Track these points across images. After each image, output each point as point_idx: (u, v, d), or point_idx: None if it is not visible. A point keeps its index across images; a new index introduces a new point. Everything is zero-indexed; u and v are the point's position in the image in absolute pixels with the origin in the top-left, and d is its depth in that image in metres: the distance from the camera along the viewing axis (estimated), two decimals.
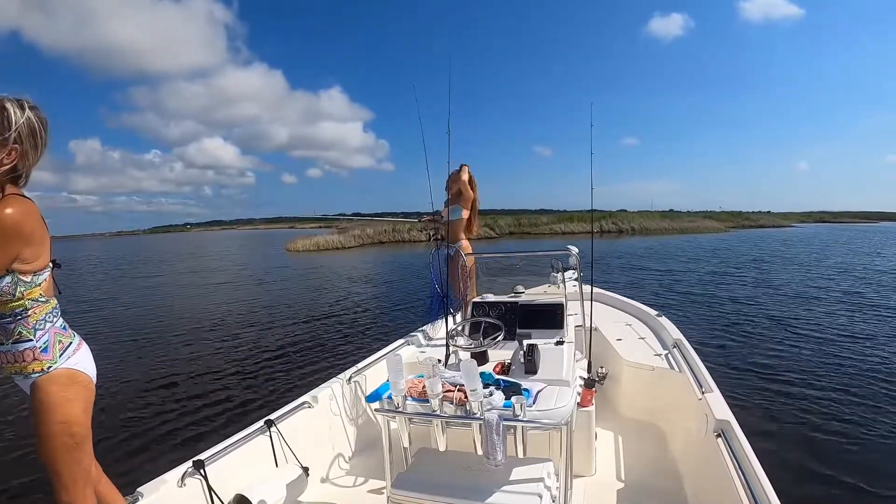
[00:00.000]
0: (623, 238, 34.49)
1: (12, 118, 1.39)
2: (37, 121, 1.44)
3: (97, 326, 9.61)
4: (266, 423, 2.44)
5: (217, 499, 2.04)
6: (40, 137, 1.46)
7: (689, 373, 2.87)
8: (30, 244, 1.41)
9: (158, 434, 4.40)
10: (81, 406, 1.49)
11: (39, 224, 1.45)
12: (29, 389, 1.47)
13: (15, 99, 1.42)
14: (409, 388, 1.83)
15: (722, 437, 2.12)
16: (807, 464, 3.56)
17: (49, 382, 1.45)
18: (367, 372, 3.15)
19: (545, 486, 1.72)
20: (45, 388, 1.45)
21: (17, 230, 1.36)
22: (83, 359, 1.55)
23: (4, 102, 1.40)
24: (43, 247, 1.46)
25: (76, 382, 1.50)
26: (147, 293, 15.12)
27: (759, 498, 1.67)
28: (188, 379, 6.10)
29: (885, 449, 3.75)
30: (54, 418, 1.43)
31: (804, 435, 4.01)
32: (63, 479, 1.46)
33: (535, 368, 2.21)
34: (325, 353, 7.01)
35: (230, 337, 8.34)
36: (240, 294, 14.03)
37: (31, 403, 1.46)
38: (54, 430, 1.43)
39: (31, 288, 1.44)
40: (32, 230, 1.41)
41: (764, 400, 4.74)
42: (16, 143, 1.40)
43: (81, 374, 1.52)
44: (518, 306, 2.93)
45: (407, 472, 1.90)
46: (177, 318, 10.35)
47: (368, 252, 27.98)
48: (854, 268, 15.25)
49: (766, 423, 4.21)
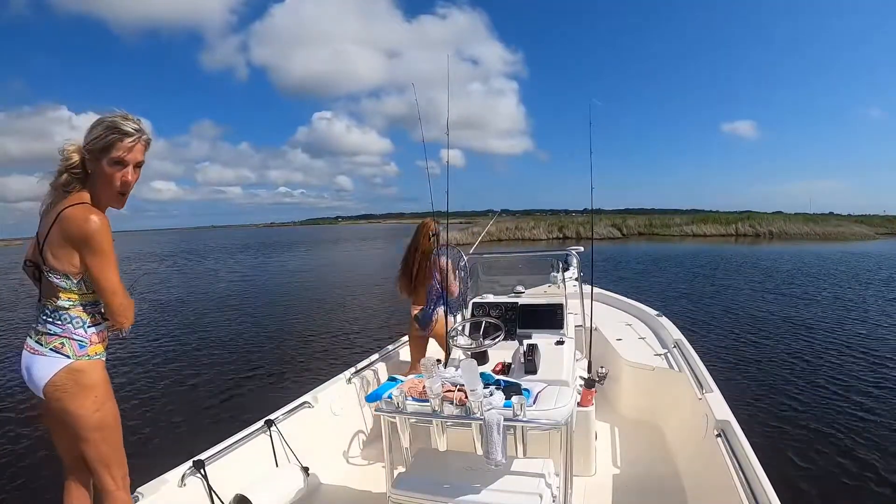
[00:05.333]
0: (760, 243, 30.19)
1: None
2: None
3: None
4: (266, 423, 2.44)
5: (217, 499, 2.04)
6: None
7: (689, 373, 2.87)
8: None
9: (158, 434, 4.40)
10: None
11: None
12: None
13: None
14: (409, 388, 1.83)
15: (722, 436, 2.12)
16: (807, 464, 3.56)
17: None
18: (367, 372, 3.15)
19: (545, 485, 1.72)
20: None
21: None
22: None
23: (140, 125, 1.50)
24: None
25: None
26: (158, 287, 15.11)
27: (759, 498, 1.67)
28: (188, 378, 6.10)
29: (885, 449, 3.75)
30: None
31: (804, 435, 4.01)
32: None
33: (535, 368, 2.21)
34: (327, 353, 7.02)
35: (230, 336, 8.35)
36: (265, 291, 14.00)
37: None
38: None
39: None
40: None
41: (764, 400, 4.74)
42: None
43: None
44: (518, 306, 2.93)
45: (407, 472, 1.90)
46: (178, 317, 10.34)
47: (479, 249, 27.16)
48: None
49: (766, 423, 4.21)
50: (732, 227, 37.15)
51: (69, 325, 1.52)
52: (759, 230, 36.94)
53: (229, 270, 21.31)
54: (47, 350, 1.49)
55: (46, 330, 1.51)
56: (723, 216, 41.43)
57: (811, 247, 26.09)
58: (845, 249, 23.91)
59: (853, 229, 38.91)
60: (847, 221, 44.33)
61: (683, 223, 39.39)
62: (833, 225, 39.75)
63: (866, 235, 37.26)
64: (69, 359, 1.50)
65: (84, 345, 1.54)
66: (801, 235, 35.87)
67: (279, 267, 22.10)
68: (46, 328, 1.51)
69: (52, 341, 1.50)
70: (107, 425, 1.57)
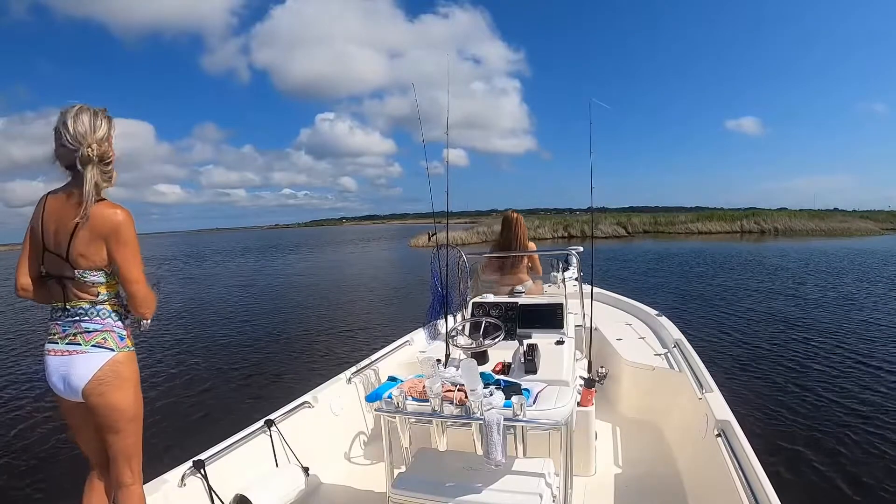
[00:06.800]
0: (765, 240, 29.89)
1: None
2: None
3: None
4: (266, 423, 2.44)
5: (217, 499, 2.04)
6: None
7: (689, 373, 2.86)
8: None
9: (158, 434, 4.40)
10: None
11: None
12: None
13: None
14: (409, 388, 1.83)
15: (722, 436, 2.11)
16: (807, 464, 3.56)
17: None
18: (367, 372, 3.15)
19: (545, 485, 1.72)
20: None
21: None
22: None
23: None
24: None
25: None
26: None
27: (759, 498, 1.67)
28: (188, 378, 6.10)
29: (885, 449, 3.74)
30: None
31: (805, 435, 4.01)
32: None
33: (535, 368, 2.21)
34: (326, 353, 7.02)
35: (230, 336, 8.35)
36: (270, 291, 14.04)
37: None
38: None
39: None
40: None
41: (764, 400, 4.74)
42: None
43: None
44: (518, 306, 2.93)
45: (407, 472, 1.90)
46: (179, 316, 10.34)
47: (483, 248, 27.18)
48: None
49: (766, 423, 4.20)
50: (738, 225, 37.11)
51: (108, 320, 1.56)
52: (764, 227, 36.88)
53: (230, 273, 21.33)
54: (89, 347, 1.52)
55: (83, 329, 1.53)
56: (728, 213, 41.25)
57: (817, 243, 26.03)
58: (851, 246, 23.85)
59: (858, 225, 38.87)
60: (852, 217, 44.15)
61: (689, 221, 39.19)
62: (838, 221, 39.61)
63: (871, 231, 37.19)
64: (113, 351, 1.54)
65: (123, 336, 1.58)
66: (806, 232, 35.75)
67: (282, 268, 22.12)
68: (82, 327, 1.53)
69: (93, 338, 1.52)
70: (140, 416, 1.62)
